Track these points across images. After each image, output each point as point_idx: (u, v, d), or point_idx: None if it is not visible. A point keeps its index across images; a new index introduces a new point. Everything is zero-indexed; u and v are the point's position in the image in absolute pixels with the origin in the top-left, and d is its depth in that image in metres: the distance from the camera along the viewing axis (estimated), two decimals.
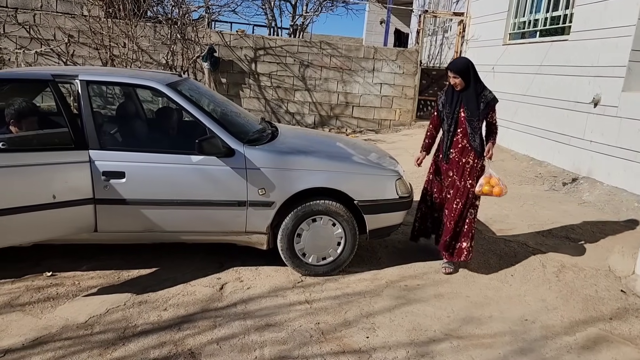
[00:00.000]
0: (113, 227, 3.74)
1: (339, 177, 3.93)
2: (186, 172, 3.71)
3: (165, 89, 3.80)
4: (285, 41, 10.66)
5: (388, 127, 11.01)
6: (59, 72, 3.82)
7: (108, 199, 3.65)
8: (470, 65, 3.92)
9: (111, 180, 3.62)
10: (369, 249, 4.63)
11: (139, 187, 3.67)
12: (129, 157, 3.67)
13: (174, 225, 3.81)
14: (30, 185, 3.42)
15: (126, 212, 3.70)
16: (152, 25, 9.60)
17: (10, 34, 9.41)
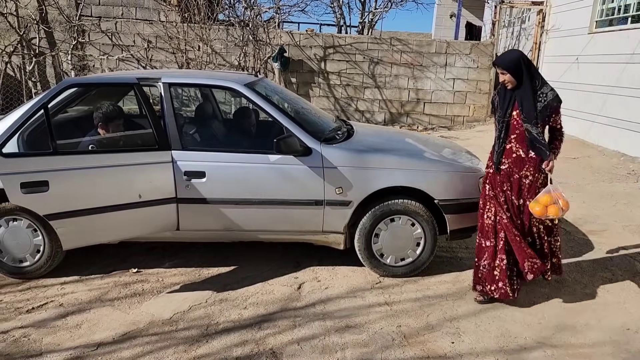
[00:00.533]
0: (194, 226, 3.81)
1: (418, 175, 3.80)
2: (264, 172, 3.72)
3: (244, 89, 3.83)
4: (354, 39, 10.58)
5: (461, 124, 10.66)
6: (143, 76, 3.94)
7: (189, 198, 3.72)
8: (522, 58, 3.22)
9: (192, 180, 3.69)
10: (449, 249, 4.46)
11: (219, 186, 3.72)
12: (209, 157, 3.72)
13: (252, 225, 3.82)
14: (117, 185, 3.54)
15: (206, 211, 3.75)
16: (224, 28, 9.82)
17: (95, 42, 9.94)
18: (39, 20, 9.41)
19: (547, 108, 3.20)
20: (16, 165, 3.31)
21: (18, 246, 3.80)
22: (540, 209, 3.16)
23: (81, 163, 3.44)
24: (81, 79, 4.36)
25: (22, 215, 3.74)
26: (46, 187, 3.34)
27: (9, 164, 3.29)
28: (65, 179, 3.40)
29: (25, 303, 3.50)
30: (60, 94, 3.64)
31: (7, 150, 3.33)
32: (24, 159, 3.41)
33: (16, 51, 9.29)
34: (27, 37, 9.43)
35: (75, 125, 4.07)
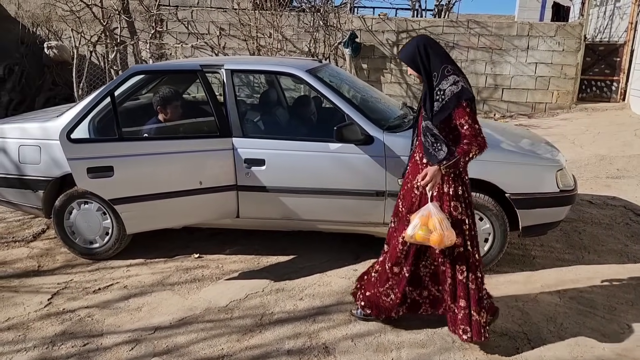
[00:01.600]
0: (253, 214, 3.79)
1: (488, 167, 3.53)
2: (323, 160, 3.61)
3: (304, 75, 3.73)
4: (429, 22, 10.17)
5: (543, 111, 9.99)
6: (206, 62, 3.95)
7: (249, 185, 3.69)
8: (418, 48, 2.63)
9: (252, 167, 3.65)
10: (521, 247, 4.16)
11: (278, 174, 3.66)
12: (269, 144, 3.67)
13: (310, 214, 3.74)
14: (179, 172, 3.58)
15: (266, 200, 3.71)
16: (296, 15, 9.78)
17: (172, 30, 10.24)
18: (120, 10, 9.81)
19: (445, 110, 2.58)
20: (83, 151, 3.42)
21: (89, 228, 3.96)
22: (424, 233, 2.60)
23: (145, 149, 3.50)
24: (146, 66, 4.46)
25: (92, 198, 3.89)
26: (111, 173, 3.43)
27: (76, 149, 3.40)
28: (129, 165, 3.47)
29: (92, 284, 3.64)
30: (127, 81, 3.71)
31: (76, 136, 3.45)
32: (91, 144, 3.52)
33: (100, 41, 9.76)
34: (109, 27, 9.87)
35: (143, 113, 4.16)
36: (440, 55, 2.65)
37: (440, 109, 2.59)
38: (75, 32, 9.18)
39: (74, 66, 9.05)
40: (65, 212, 3.94)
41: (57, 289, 3.55)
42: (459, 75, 2.61)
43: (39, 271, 3.85)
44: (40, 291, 3.53)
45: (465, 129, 2.58)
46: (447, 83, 2.58)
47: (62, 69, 10.37)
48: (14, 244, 4.29)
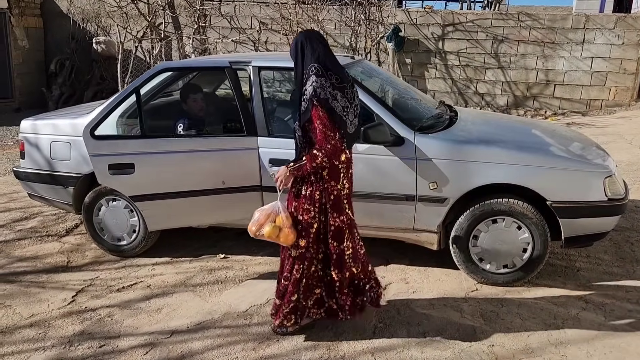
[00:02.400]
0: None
1: (528, 171, 3.28)
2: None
3: None
4: (476, 15, 9.76)
5: (599, 109, 9.41)
6: (235, 59, 3.85)
7: (274, 187, 3.56)
8: (296, 44, 2.63)
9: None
10: (564, 257, 3.86)
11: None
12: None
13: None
14: (201, 170, 3.51)
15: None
16: (338, 8, 9.60)
17: (215, 25, 10.29)
18: (165, 6, 9.92)
19: (307, 111, 2.55)
20: (105, 148, 3.40)
21: (116, 225, 3.96)
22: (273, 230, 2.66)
23: (166, 147, 3.45)
24: (173, 62, 4.41)
25: (120, 195, 3.88)
26: (132, 170, 3.39)
27: (99, 146, 3.38)
28: (150, 162, 3.43)
29: (117, 282, 3.63)
30: (154, 78, 3.67)
31: (100, 132, 3.43)
32: (114, 141, 3.50)
33: (145, 36, 9.91)
34: (154, 22, 10.01)
35: (171, 110, 4.13)
36: (315, 53, 2.57)
37: (305, 110, 2.57)
38: (120, 27, 9.34)
39: (119, 61, 9.22)
40: (94, 208, 3.96)
41: (82, 286, 3.56)
42: (323, 76, 2.52)
43: (67, 267, 3.88)
44: (65, 288, 3.55)
45: (317, 133, 2.53)
46: (309, 83, 2.54)
47: (110, 63, 10.62)
48: (47, 238, 4.36)
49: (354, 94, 2.69)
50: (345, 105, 2.59)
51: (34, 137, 4.03)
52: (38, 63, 10.94)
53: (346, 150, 2.68)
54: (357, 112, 2.73)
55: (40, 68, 10.99)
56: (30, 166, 4.05)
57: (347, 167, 2.73)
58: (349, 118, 2.63)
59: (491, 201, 3.34)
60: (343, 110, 2.57)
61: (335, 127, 2.54)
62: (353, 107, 2.67)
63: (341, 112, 2.56)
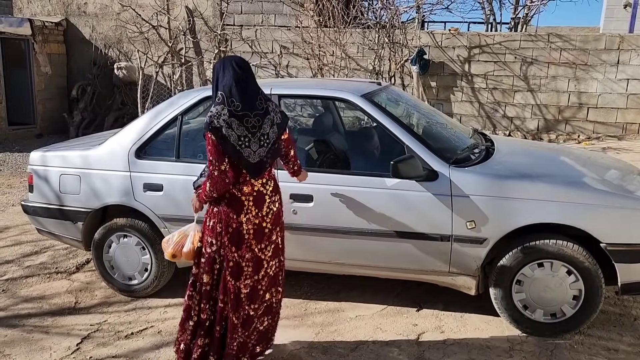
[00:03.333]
0: (296, 255, 3.32)
1: (578, 210, 2.94)
2: (379, 198, 3.14)
3: (358, 100, 3.29)
4: (504, 37, 9.45)
5: (636, 132, 8.94)
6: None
7: (294, 224, 3.26)
8: (214, 69, 2.59)
9: (298, 203, 3.25)
10: (617, 303, 3.47)
11: (326, 213, 3.22)
12: (317, 178, 3.24)
13: (361, 259, 3.28)
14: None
15: (311, 241, 3.28)
16: (361, 32, 9.39)
17: (236, 49, 10.17)
18: (186, 31, 9.87)
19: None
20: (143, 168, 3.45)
21: (127, 263, 3.72)
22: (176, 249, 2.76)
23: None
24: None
25: (131, 232, 3.65)
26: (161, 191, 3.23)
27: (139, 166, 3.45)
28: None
29: (126, 327, 3.36)
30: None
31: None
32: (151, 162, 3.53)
33: (166, 61, 9.85)
34: (175, 47, 9.95)
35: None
36: (224, 80, 2.48)
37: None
38: (141, 52, 9.29)
39: (140, 86, 9.15)
40: (104, 245, 3.73)
41: (88, 332, 3.30)
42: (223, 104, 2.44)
43: (74, 308, 3.63)
44: (71, 333, 3.29)
45: (208, 162, 2.50)
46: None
47: (131, 89, 10.56)
48: (56, 275, 4.13)
49: (260, 122, 2.49)
50: (243, 134, 2.44)
51: (42, 169, 3.83)
52: (60, 89, 10.96)
53: (252, 181, 2.53)
54: (268, 142, 2.52)
55: (62, 94, 11.00)
56: (39, 200, 3.84)
57: (256, 199, 2.55)
58: (250, 147, 2.45)
59: (537, 243, 2.99)
60: (239, 139, 2.43)
61: (224, 156, 2.44)
62: (259, 136, 2.48)
63: (235, 142, 2.43)
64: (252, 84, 2.54)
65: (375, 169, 3.23)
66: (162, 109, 3.68)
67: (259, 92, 2.55)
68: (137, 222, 3.62)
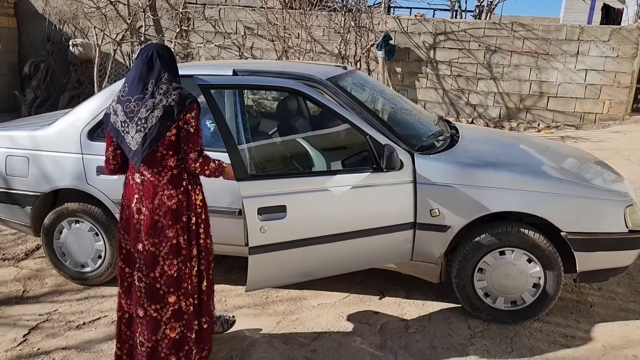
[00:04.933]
0: (269, 282, 2.99)
1: (541, 199, 2.94)
2: (353, 195, 2.92)
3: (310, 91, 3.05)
4: (469, 24, 9.50)
5: (592, 122, 9.19)
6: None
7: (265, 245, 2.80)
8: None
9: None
10: (574, 290, 3.53)
11: (298, 224, 2.85)
12: (287, 185, 2.83)
13: (322, 265, 3.04)
14: None
15: (287, 258, 2.88)
16: (327, 14, 9.25)
17: (198, 29, 9.87)
18: (144, 8, 9.49)
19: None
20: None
21: (80, 250, 3.55)
22: None
23: None
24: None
25: (84, 217, 3.47)
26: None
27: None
28: None
29: (78, 316, 3.21)
30: None
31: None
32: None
33: (124, 39, 9.46)
34: (135, 24, 9.57)
35: None
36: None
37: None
38: (98, 29, 8.89)
39: (96, 64, 8.76)
40: (55, 231, 3.54)
41: (37, 322, 3.13)
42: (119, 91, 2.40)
43: (22, 297, 3.45)
44: (18, 324, 3.11)
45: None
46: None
47: (87, 67, 10.13)
48: (2, 262, 3.92)
49: (138, 107, 2.29)
50: (123, 119, 2.33)
51: None
52: (11, 65, 10.41)
53: (141, 169, 2.36)
54: (145, 127, 2.28)
55: (13, 70, 10.46)
56: None
57: (146, 189, 2.37)
58: (129, 133, 2.32)
59: (499, 231, 2.99)
60: (122, 125, 2.34)
61: (112, 141, 2.44)
62: (136, 122, 2.29)
63: (120, 127, 2.35)
64: (149, 69, 2.31)
65: (352, 164, 3.01)
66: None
67: (156, 77, 2.31)
68: (90, 207, 3.45)
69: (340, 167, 3.02)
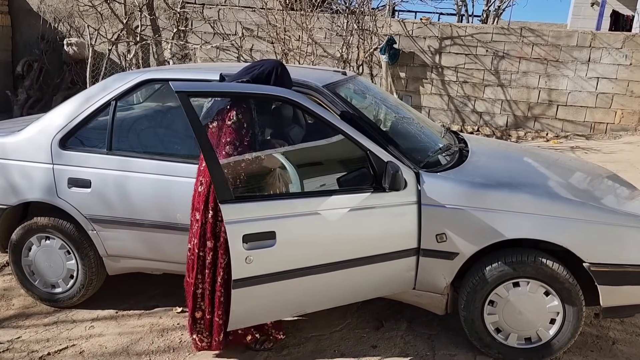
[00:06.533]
0: (258, 317, 2.68)
1: (562, 224, 2.61)
2: (350, 218, 2.60)
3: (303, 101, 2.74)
4: (476, 29, 9.17)
5: (603, 132, 8.84)
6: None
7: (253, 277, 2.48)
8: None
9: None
10: (593, 323, 3.20)
11: (290, 253, 2.53)
12: (273, 208, 2.50)
13: (319, 299, 2.73)
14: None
15: (276, 292, 2.55)
16: (329, 16, 8.94)
17: (196, 30, 9.57)
18: (141, 8, 9.20)
19: None
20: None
21: (50, 269, 3.25)
22: None
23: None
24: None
25: (54, 233, 3.16)
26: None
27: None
28: None
29: (43, 345, 2.89)
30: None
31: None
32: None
33: (120, 39, 9.17)
34: (131, 24, 9.27)
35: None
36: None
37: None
38: (92, 28, 8.60)
39: (89, 64, 8.47)
40: (23, 247, 3.23)
41: None
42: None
43: None
44: None
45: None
46: None
47: (82, 67, 9.82)
48: None
49: None
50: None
51: None
52: (4, 64, 10.12)
53: None
54: None
55: (6, 69, 10.17)
56: None
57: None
58: None
59: (512, 260, 2.67)
60: None
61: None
62: None
63: None
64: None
65: (349, 183, 2.63)
66: (94, 93, 3.20)
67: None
68: (62, 223, 3.14)
69: (336, 186, 2.68)
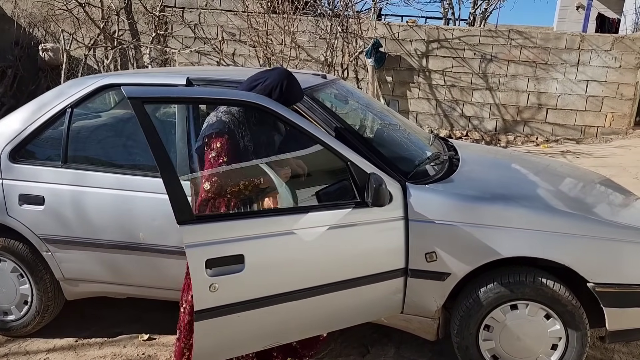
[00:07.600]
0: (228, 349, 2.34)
1: (563, 241, 2.37)
2: (331, 237, 2.32)
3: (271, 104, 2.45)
4: (463, 31, 8.99)
5: (594, 136, 8.68)
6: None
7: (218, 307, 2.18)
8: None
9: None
10: (597, 345, 2.96)
11: (261, 278, 2.23)
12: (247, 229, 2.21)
13: (295, 328, 2.42)
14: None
15: (243, 321, 2.24)
16: (313, 20, 8.70)
17: (177, 34, 9.29)
18: (118, 12, 8.90)
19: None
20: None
21: (2, 294, 2.94)
22: None
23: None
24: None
25: (5, 255, 2.86)
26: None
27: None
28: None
29: None
30: None
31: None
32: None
33: (97, 44, 8.87)
34: (109, 29, 8.97)
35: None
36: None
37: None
38: (66, 33, 8.29)
39: (63, 70, 8.16)
40: None
41: None
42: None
43: None
44: None
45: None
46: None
47: (58, 73, 9.50)
48: None
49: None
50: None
51: None
52: None
53: None
54: None
55: None
56: None
57: None
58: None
59: (510, 280, 2.42)
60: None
61: None
62: None
63: None
64: None
65: (328, 197, 2.35)
66: (48, 100, 2.91)
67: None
68: (13, 243, 2.84)
69: (314, 201, 2.40)
